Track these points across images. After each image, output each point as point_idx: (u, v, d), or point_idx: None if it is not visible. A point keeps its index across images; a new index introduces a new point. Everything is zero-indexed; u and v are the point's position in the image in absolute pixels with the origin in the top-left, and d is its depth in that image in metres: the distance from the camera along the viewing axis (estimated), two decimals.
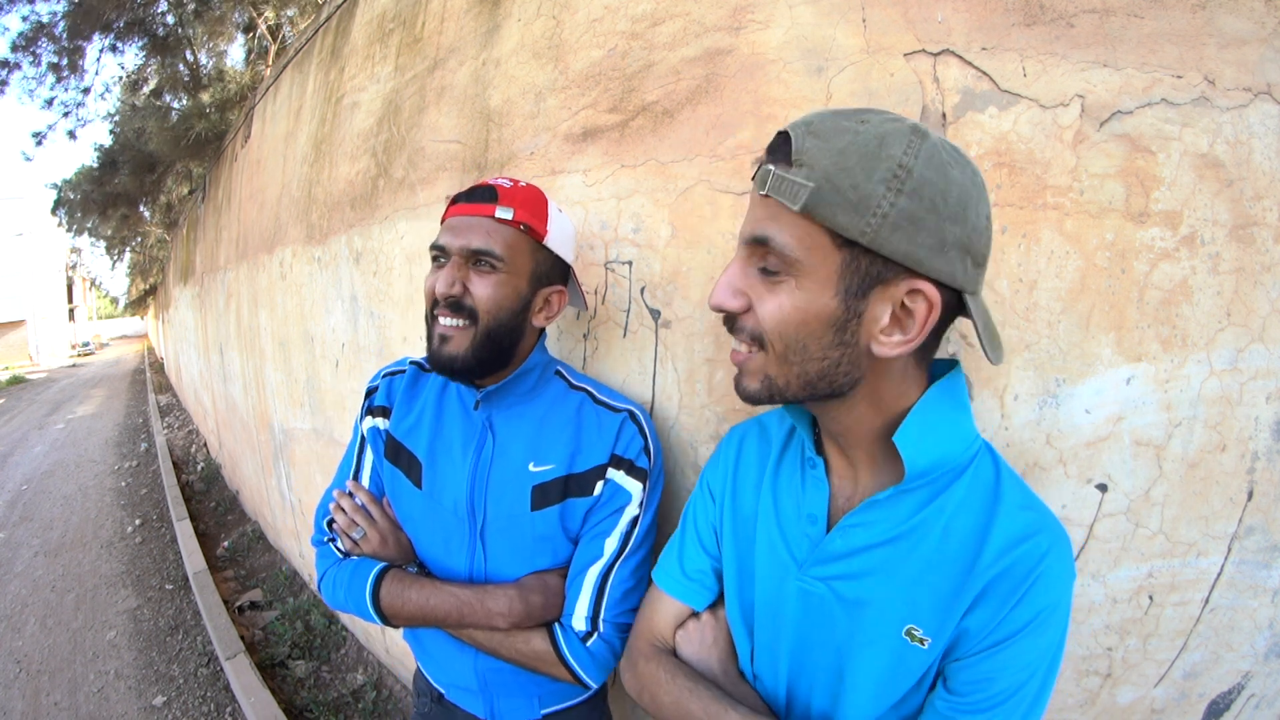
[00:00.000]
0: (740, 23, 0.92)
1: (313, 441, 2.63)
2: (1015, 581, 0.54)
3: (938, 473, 0.58)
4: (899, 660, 0.59)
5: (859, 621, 0.61)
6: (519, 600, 0.87)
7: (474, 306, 0.83)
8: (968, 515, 0.58)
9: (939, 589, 0.57)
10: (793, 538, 0.66)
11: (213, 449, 5.98)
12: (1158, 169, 0.68)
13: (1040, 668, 0.55)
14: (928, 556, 0.58)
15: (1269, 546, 0.71)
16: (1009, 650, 0.54)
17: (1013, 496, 0.58)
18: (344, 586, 0.91)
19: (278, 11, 6.39)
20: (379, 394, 1.02)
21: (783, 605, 0.66)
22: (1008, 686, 0.54)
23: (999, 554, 0.55)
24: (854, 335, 0.54)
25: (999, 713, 0.54)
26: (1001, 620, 0.54)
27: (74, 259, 30.81)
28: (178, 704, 2.50)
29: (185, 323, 7.65)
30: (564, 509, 0.90)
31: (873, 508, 0.60)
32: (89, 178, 8.66)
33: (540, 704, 0.98)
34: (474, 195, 0.85)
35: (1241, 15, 0.65)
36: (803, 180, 0.50)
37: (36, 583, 3.61)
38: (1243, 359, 0.68)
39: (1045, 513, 0.58)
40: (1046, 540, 0.55)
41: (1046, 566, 0.54)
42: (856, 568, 0.61)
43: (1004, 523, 0.56)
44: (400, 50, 1.80)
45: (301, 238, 2.55)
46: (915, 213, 0.49)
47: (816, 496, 0.65)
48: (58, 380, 15.73)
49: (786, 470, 0.70)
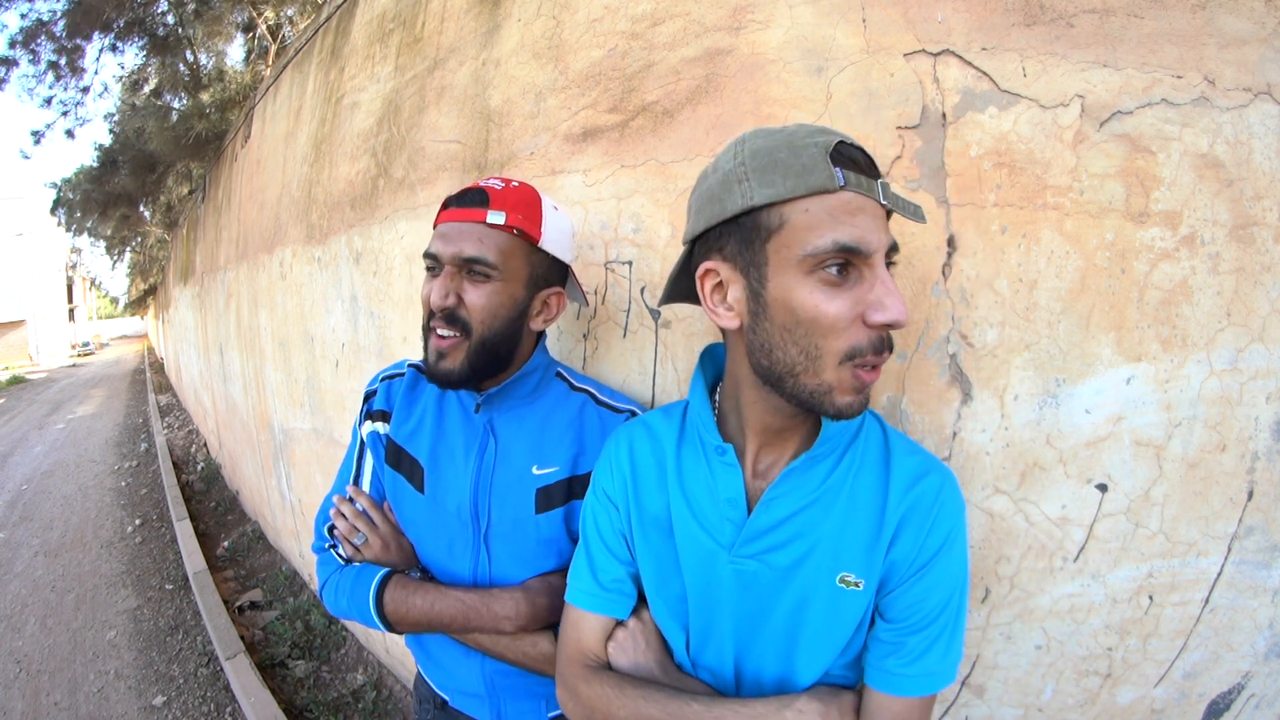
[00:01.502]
0: (740, 23, 0.92)
1: (313, 442, 2.63)
2: (923, 514, 0.63)
3: (843, 437, 0.66)
4: (839, 607, 0.65)
5: (795, 583, 0.66)
6: (525, 604, 0.86)
7: (468, 319, 0.81)
8: (869, 470, 0.66)
9: (860, 534, 0.64)
10: (713, 524, 0.69)
11: (213, 449, 5.98)
12: (1158, 169, 0.68)
13: (958, 584, 0.64)
14: (844, 509, 0.65)
15: (1269, 546, 0.71)
16: (932, 572, 0.63)
17: (900, 446, 0.68)
18: (346, 593, 0.90)
19: (278, 11, 6.38)
20: (378, 398, 1.01)
21: (718, 590, 0.69)
22: (936, 603, 0.63)
23: (903, 493, 0.64)
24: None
25: (934, 627, 0.62)
26: (920, 547, 0.63)
27: (74, 259, 30.81)
28: (178, 704, 2.50)
29: (185, 323, 7.65)
30: (568, 511, 0.89)
31: (789, 477, 0.65)
32: (89, 177, 8.66)
33: (548, 706, 0.97)
34: (465, 199, 0.83)
35: (1241, 15, 0.65)
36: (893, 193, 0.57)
37: (36, 583, 3.61)
38: (1243, 359, 0.68)
39: (929, 457, 0.68)
40: (939, 477, 0.65)
41: (944, 497, 0.64)
42: (784, 536, 0.66)
43: (899, 468, 0.65)
44: (400, 50, 1.80)
45: (301, 238, 2.55)
46: None
47: (730, 480, 0.68)
48: (58, 380, 15.73)
49: (688, 461, 0.73)
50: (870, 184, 0.55)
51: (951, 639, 0.63)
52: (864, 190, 0.55)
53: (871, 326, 0.56)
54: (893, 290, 0.56)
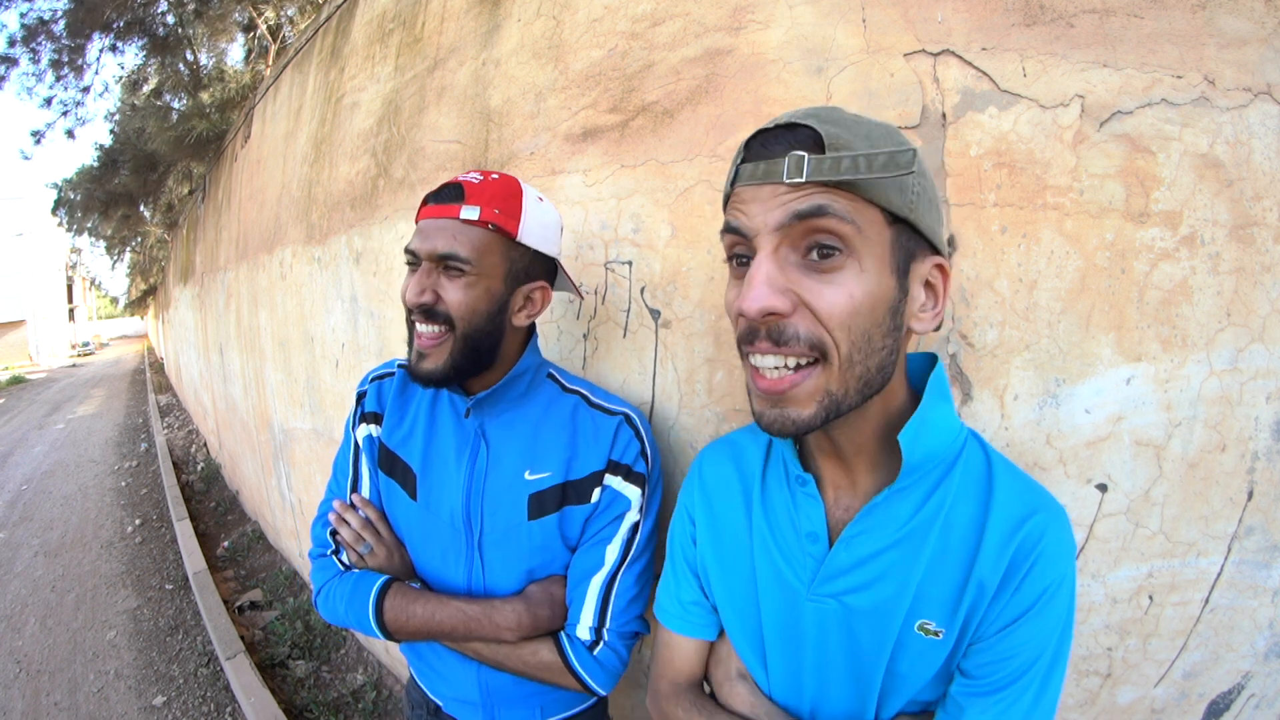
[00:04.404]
0: (740, 23, 0.92)
1: (313, 441, 2.63)
2: (1018, 565, 0.55)
3: (930, 466, 0.58)
4: (916, 655, 0.59)
5: (873, 627, 0.60)
6: (526, 614, 0.85)
7: (448, 312, 0.80)
8: (965, 505, 0.58)
9: (948, 579, 0.57)
10: (795, 559, 0.64)
11: (213, 449, 5.98)
12: (1158, 169, 0.68)
13: (1050, 644, 0.55)
14: (932, 552, 0.58)
15: (1269, 546, 0.71)
16: (1018, 631, 0.55)
17: (1005, 481, 0.58)
18: (344, 600, 0.89)
19: (278, 11, 6.38)
20: (369, 399, 0.99)
21: (799, 628, 0.64)
22: (1019, 666, 0.55)
23: (1004, 539, 0.55)
24: (901, 319, 0.53)
25: (1010, 692, 0.55)
26: (1008, 603, 0.55)
27: (74, 259, 30.83)
28: (178, 704, 2.50)
29: (185, 323, 7.65)
30: (562, 517, 0.88)
31: (872, 513, 0.59)
32: (90, 177, 8.66)
33: (543, 713, 0.97)
34: (441, 195, 0.82)
35: (1241, 15, 0.65)
36: (850, 161, 0.47)
37: (36, 583, 3.61)
38: (1243, 359, 0.68)
39: (1039, 492, 0.58)
40: (1043, 520, 0.56)
41: (1045, 546, 0.55)
42: (865, 577, 0.60)
43: (1001, 508, 0.57)
44: (400, 50, 1.80)
45: (301, 238, 2.55)
46: (928, 191, 0.53)
47: (813, 514, 0.63)
48: (58, 380, 15.73)
49: (773, 489, 0.68)
50: (767, 167, 0.50)
51: (1033, 708, 0.55)
52: (757, 179, 0.50)
53: (740, 315, 0.52)
54: (756, 277, 0.49)
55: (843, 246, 0.49)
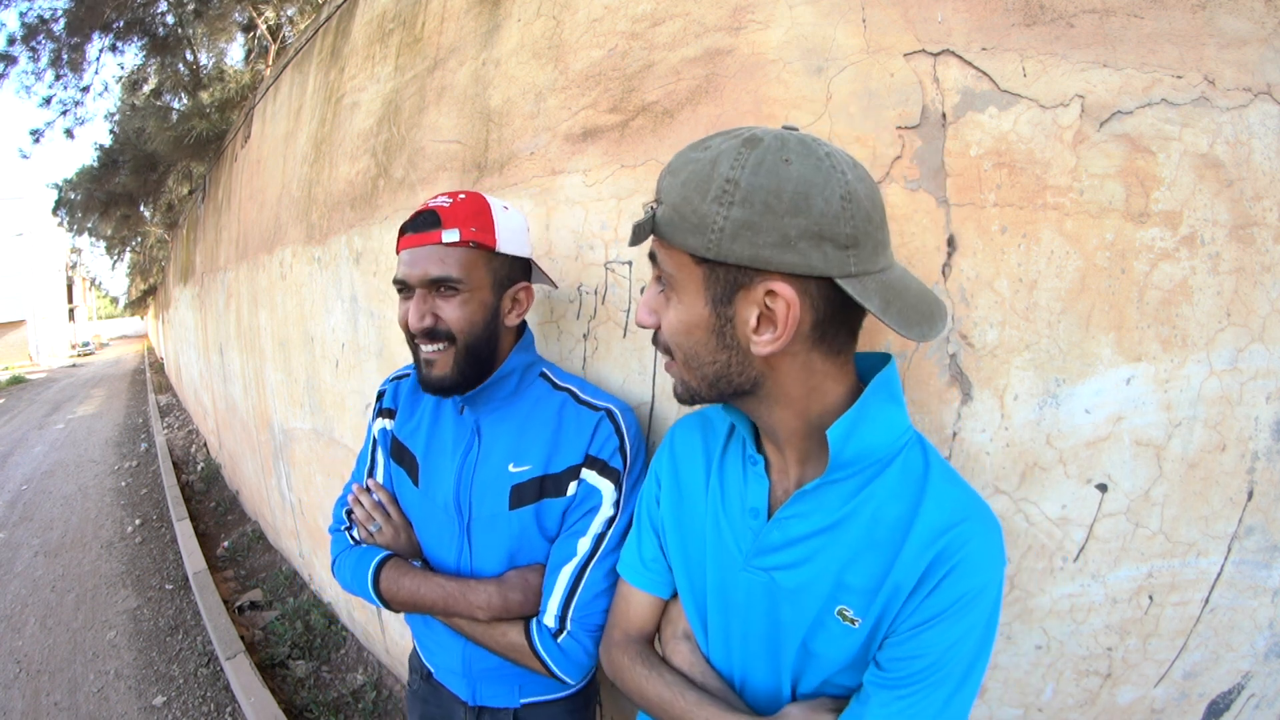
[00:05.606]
0: (740, 23, 0.92)
1: (313, 442, 2.63)
2: (935, 569, 0.57)
3: (864, 463, 0.61)
4: (832, 638, 0.63)
5: (794, 605, 0.65)
6: (498, 596, 0.92)
7: (449, 329, 0.88)
8: (895, 504, 0.61)
9: (867, 573, 0.61)
10: (738, 531, 0.69)
11: (213, 449, 5.98)
12: (1158, 169, 0.68)
13: (963, 651, 0.57)
14: (857, 541, 0.61)
15: (1269, 546, 0.71)
16: (929, 632, 0.57)
17: (940, 487, 0.60)
18: (350, 569, 1.00)
19: (278, 11, 6.38)
20: (387, 396, 1.10)
21: (732, 595, 0.70)
22: (929, 665, 0.57)
23: (924, 544, 0.58)
24: (733, 338, 0.59)
25: (919, 689, 0.57)
26: (921, 604, 0.58)
27: (74, 259, 30.82)
28: (178, 704, 2.50)
29: (185, 323, 7.65)
30: (539, 509, 0.93)
31: (802, 499, 0.64)
32: (90, 177, 8.65)
33: (520, 693, 1.04)
34: (418, 224, 0.87)
35: (1241, 15, 0.65)
36: (661, 214, 0.57)
37: (36, 583, 3.61)
38: (1243, 359, 0.68)
39: (972, 502, 0.60)
40: (969, 529, 0.58)
41: (967, 554, 0.57)
42: (793, 557, 0.65)
43: (929, 512, 0.59)
44: (400, 50, 1.80)
45: (301, 238, 2.55)
46: (749, 219, 0.52)
47: (758, 491, 0.68)
48: (58, 380, 15.72)
49: (730, 464, 0.74)
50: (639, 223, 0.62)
51: (943, 710, 0.57)
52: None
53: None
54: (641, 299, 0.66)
55: (671, 282, 0.60)
